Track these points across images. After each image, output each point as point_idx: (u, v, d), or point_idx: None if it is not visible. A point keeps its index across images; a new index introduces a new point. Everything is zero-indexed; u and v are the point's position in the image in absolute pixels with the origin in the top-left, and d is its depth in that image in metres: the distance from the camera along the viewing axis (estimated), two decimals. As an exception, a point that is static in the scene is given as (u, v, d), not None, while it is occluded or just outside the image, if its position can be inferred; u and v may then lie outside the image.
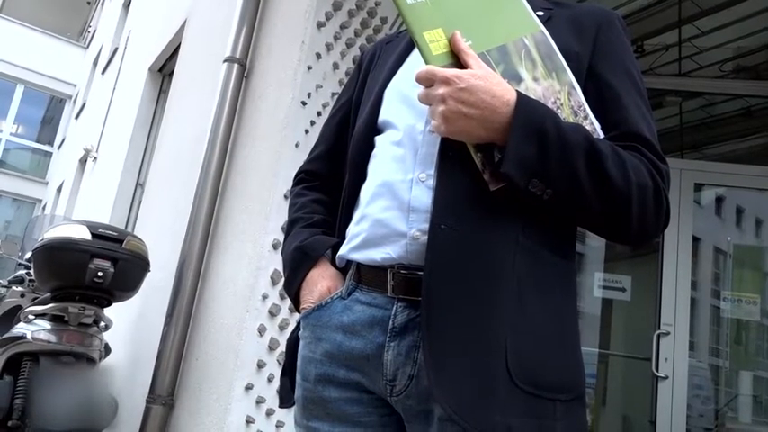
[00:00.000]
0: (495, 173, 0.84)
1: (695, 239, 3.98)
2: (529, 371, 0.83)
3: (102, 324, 2.82)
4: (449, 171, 0.88)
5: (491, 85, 0.82)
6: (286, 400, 1.06)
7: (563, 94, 0.88)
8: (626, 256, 5.47)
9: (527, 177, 0.82)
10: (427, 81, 0.84)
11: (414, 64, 1.03)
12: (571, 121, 0.88)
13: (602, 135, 0.89)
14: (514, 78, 0.86)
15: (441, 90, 0.82)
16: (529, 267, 0.87)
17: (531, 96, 0.86)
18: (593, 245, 5.06)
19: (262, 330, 2.18)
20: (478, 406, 0.80)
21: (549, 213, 0.88)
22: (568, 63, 0.91)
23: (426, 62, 0.85)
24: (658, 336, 3.71)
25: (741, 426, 4.64)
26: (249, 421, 2.12)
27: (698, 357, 4.33)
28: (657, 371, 3.65)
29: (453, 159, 0.88)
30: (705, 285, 4.59)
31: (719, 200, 5.51)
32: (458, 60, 0.85)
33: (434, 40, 0.85)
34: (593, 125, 0.89)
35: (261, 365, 2.17)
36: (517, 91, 0.83)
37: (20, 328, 2.67)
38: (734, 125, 4.87)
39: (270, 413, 2.18)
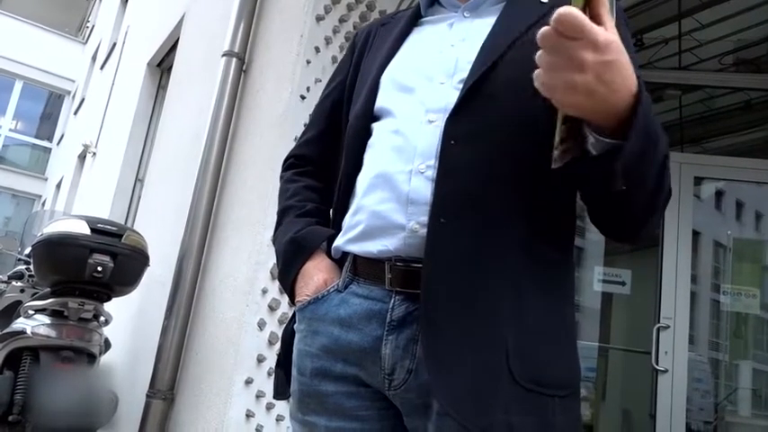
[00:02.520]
0: (567, 150, 0.75)
1: (695, 233, 3.98)
2: (530, 368, 0.81)
3: (101, 319, 2.82)
4: (451, 163, 0.85)
5: (626, 64, 0.68)
6: (281, 391, 1.05)
7: None
8: (626, 250, 5.47)
9: (623, 174, 0.73)
10: (573, 32, 0.64)
11: (410, 50, 1.01)
12: None
13: None
14: None
15: (588, 55, 0.65)
16: (529, 263, 0.85)
17: None
18: (593, 239, 5.05)
19: (261, 325, 2.18)
20: (478, 403, 0.78)
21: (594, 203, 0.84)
22: None
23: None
24: (658, 329, 3.71)
25: (741, 419, 4.65)
26: (249, 415, 2.13)
27: (698, 351, 4.34)
28: (657, 364, 3.65)
29: (455, 151, 0.85)
30: (705, 279, 4.59)
31: (719, 194, 5.51)
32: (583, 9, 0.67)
33: None
34: None
35: (261, 360, 2.17)
36: (637, 76, 0.71)
37: (20, 324, 2.67)
38: (734, 118, 4.87)
39: (270, 407, 2.18)
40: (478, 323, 0.81)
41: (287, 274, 1.02)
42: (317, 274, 0.98)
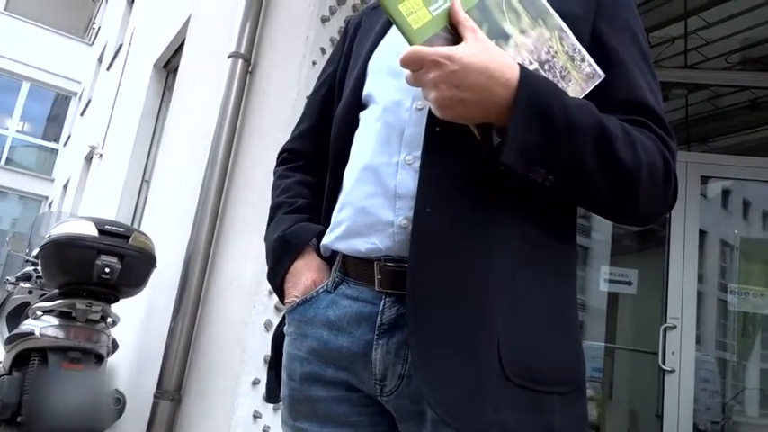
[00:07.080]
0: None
1: (702, 232, 3.96)
2: (523, 364, 0.77)
3: (109, 320, 2.83)
4: (436, 150, 0.81)
5: (488, 63, 0.72)
6: (273, 395, 1.02)
7: (554, 41, 0.80)
8: (632, 250, 5.45)
9: (528, 165, 0.74)
10: (415, 65, 0.74)
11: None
12: (569, 66, 0.79)
13: (602, 75, 0.81)
14: (501, 36, 0.78)
15: (431, 75, 0.72)
16: (524, 252, 0.80)
17: (524, 52, 0.78)
18: (599, 239, 5.04)
19: (268, 325, 2.19)
20: (470, 405, 0.74)
21: (549, 199, 0.81)
22: (569, 27, 0.82)
23: (409, 40, 0.75)
24: (665, 329, 3.70)
25: (748, 419, 4.63)
26: (256, 416, 2.13)
27: (705, 351, 4.32)
28: (664, 364, 3.65)
29: (441, 138, 0.81)
30: (712, 278, 4.57)
31: (726, 193, 5.48)
32: (446, 31, 0.75)
33: (412, 11, 0.75)
34: (591, 66, 0.81)
35: (267, 360, 2.17)
36: (520, 66, 0.74)
37: (28, 325, 2.68)
38: (740, 117, 4.85)
39: (277, 408, 2.18)
40: (468, 321, 0.77)
41: (275, 274, 0.98)
42: (305, 274, 0.94)
